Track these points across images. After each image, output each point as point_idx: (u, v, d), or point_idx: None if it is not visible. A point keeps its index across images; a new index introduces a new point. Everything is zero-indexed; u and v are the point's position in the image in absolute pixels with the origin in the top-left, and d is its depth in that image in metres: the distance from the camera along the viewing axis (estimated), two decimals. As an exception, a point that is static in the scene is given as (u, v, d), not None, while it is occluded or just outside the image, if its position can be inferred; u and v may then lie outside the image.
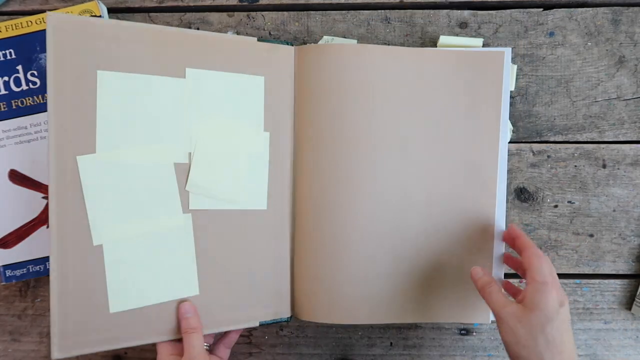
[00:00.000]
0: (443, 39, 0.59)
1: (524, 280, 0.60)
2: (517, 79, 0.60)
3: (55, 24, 0.49)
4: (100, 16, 0.59)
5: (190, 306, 0.52)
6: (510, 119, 0.60)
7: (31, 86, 0.60)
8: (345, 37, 0.60)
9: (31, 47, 0.60)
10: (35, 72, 0.60)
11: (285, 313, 0.58)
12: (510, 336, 0.46)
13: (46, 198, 0.60)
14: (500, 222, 0.57)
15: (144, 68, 0.51)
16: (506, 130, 0.57)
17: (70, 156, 0.49)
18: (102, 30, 0.50)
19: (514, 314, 0.46)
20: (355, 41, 0.60)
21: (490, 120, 0.57)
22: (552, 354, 0.44)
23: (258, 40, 0.55)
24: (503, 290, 0.51)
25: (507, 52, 0.57)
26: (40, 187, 0.60)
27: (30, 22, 0.59)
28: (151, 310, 0.52)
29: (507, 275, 0.59)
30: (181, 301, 0.53)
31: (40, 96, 0.60)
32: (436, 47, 0.59)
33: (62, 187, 0.49)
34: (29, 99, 0.60)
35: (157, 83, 0.51)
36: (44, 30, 0.59)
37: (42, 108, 0.60)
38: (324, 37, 0.60)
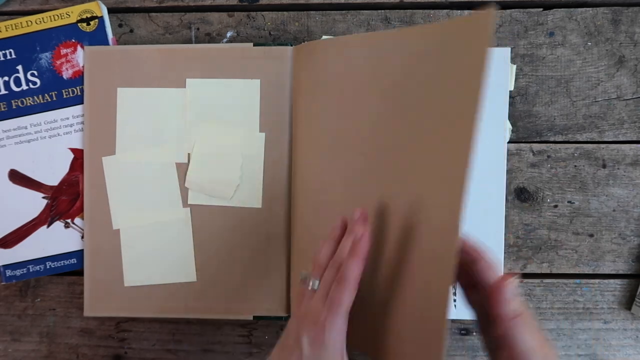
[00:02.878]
0: None
1: (524, 280, 0.60)
2: (517, 79, 0.60)
3: (89, 54, 0.59)
4: (101, 17, 0.59)
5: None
6: (510, 119, 0.59)
7: (31, 86, 0.60)
8: (345, 37, 0.60)
9: (31, 47, 0.60)
10: (35, 72, 0.60)
11: (281, 311, 0.58)
12: None
13: (46, 198, 0.60)
14: (499, 223, 0.57)
15: (153, 82, 0.59)
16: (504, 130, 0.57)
17: (98, 157, 0.59)
18: (122, 55, 0.59)
19: None
20: None
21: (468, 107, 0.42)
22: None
23: (255, 45, 0.58)
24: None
25: (507, 51, 0.57)
26: (40, 187, 0.60)
27: (30, 22, 0.59)
28: (157, 289, 0.59)
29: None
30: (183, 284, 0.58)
31: (40, 96, 0.60)
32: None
33: (93, 181, 0.59)
34: (29, 99, 0.60)
35: (163, 94, 0.59)
36: (44, 30, 0.60)
37: (42, 108, 0.60)
38: (323, 37, 0.60)
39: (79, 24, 0.60)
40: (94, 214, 0.60)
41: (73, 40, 0.60)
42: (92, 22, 0.60)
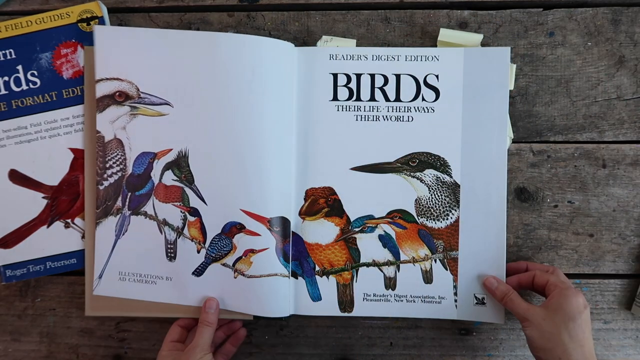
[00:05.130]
0: (443, 32, 0.58)
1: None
2: (517, 79, 0.60)
3: (89, 53, 0.59)
4: (101, 17, 0.59)
5: (214, 303, 0.57)
6: (510, 119, 0.59)
7: (31, 86, 0.60)
8: (345, 37, 0.60)
9: (31, 47, 0.60)
10: (35, 72, 0.60)
11: (283, 311, 0.58)
12: (536, 332, 0.51)
13: (46, 198, 0.60)
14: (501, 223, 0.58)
15: None
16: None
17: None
18: None
19: (539, 314, 0.51)
20: (355, 41, 0.60)
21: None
22: (575, 345, 0.50)
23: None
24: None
25: (506, 51, 0.57)
26: (40, 187, 0.60)
27: (30, 22, 0.59)
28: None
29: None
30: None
31: (40, 96, 0.60)
32: (436, 45, 0.59)
33: (94, 180, 0.59)
34: (29, 99, 0.60)
35: None
36: (44, 30, 0.60)
37: (42, 108, 0.60)
38: (323, 36, 0.60)
39: (79, 24, 0.60)
40: (89, 206, 0.59)
41: (73, 40, 0.60)
42: (92, 22, 0.60)
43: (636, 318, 0.61)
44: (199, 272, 0.58)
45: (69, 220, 0.60)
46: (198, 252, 0.58)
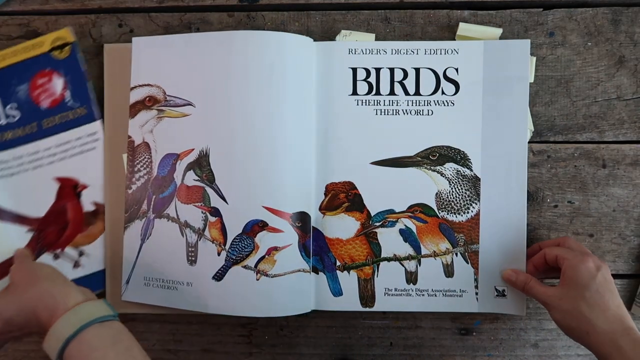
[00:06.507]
0: (462, 26, 0.58)
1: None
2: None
3: (108, 52, 0.60)
4: (73, 42, 0.59)
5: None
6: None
7: (10, 120, 0.59)
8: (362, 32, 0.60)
9: (8, 81, 0.59)
10: (14, 105, 0.59)
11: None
12: (558, 314, 0.51)
13: (32, 231, 0.59)
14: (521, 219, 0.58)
15: None
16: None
17: (119, 154, 0.60)
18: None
19: (555, 295, 0.51)
20: (374, 35, 0.60)
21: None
22: (597, 314, 0.49)
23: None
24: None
25: (526, 43, 0.58)
26: (24, 221, 0.59)
27: (6, 55, 0.59)
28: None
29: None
30: None
31: (20, 129, 0.59)
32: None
33: (113, 177, 0.60)
34: (9, 133, 0.59)
35: None
36: (19, 62, 0.59)
37: (23, 140, 0.59)
38: (342, 31, 0.59)
39: (51, 53, 0.59)
40: (113, 207, 0.59)
41: (48, 70, 0.59)
42: (65, 49, 0.59)
43: (636, 318, 0.61)
44: (219, 276, 0.57)
45: (58, 251, 0.59)
46: (218, 254, 0.57)
